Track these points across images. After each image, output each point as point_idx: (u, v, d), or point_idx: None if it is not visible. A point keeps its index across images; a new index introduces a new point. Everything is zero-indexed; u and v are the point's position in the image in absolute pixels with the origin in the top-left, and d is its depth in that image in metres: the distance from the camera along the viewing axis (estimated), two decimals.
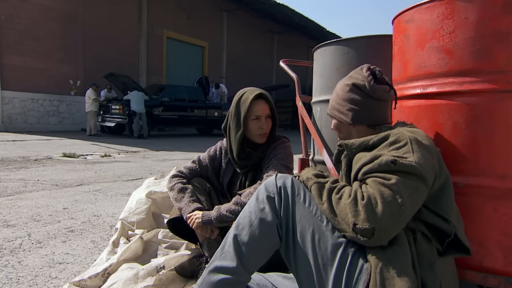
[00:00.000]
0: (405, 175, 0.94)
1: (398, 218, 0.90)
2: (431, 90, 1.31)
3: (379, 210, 0.89)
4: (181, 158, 6.17)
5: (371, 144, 1.07)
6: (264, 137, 1.69)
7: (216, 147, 1.86)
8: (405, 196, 0.91)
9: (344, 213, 0.95)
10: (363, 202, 0.91)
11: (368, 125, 1.23)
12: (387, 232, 0.90)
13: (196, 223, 1.54)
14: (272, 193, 1.11)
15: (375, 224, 0.88)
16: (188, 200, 1.61)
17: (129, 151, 7.06)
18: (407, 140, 1.01)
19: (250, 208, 1.14)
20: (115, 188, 3.59)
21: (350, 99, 1.23)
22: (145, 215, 2.06)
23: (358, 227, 0.90)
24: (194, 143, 9.52)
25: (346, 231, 0.95)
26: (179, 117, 11.41)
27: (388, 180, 0.94)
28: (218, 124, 12.37)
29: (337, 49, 1.90)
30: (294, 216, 1.07)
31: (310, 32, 20.95)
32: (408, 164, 0.94)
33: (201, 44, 17.09)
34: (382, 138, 1.06)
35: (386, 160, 0.96)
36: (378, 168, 0.97)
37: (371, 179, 0.97)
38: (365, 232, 0.89)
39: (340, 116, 1.26)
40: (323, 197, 1.03)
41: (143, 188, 2.31)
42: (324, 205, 1.01)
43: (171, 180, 1.75)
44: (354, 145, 1.10)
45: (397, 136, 1.04)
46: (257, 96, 1.65)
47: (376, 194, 0.92)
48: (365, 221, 0.89)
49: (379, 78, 1.23)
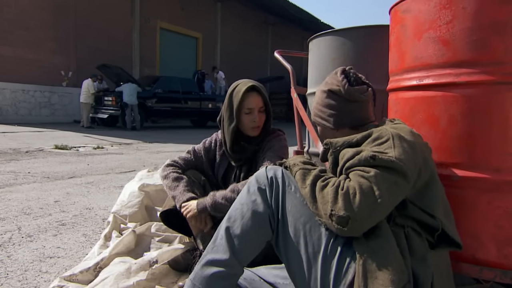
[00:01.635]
0: (384, 170, 0.94)
1: (374, 210, 0.90)
2: (428, 82, 1.30)
3: (356, 200, 0.90)
4: (174, 150, 6.13)
5: (355, 141, 1.08)
6: (257, 130, 1.67)
7: (211, 139, 1.84)
8: (382, 189, 0.91)
9: (325, 200, 0.95)
10: (342, 192, 0.92)
11: (351, 127, 1.24)
12: (361, 223, 0.90)
13: (191, 212, 1.51)
14: (263, 184, 1.11)
15: (350, 213, 0.89)
16: (183, 189, 1.58)
17: (122, 143, 7.00)
18: (389, 136, 1.01)
19: (241, 200, 1.14)
20: (107, 181, 3.56)
21: (329, 105, 1.25)
22: (138, 208, 2.04)
23: (334, 214, 0.91)
24: (188, 135, 9.47)
25: (322, 217, 0.95)
26: (172, 109, 11.32)
27: (367, 172, 0.94)
28: (212, 116, 12.31)
29: (333, 39, 1.87)
30: (285, 206, 1.07)
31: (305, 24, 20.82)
32: (387, 159, 0.94)
33: (195, 35, 16.91)
34: (366, 135, 1.07)
35: (366, 155, 0.97)
36: (359, 163, 0.98)
37: (353, 172, 0.98)
38: (340, 220, 0.90)
39: (322, 122, 1.28)
40: (306, 181, 1.03)
41: (136, 180, 2.28)
42: (306, 189, 1.02)
43: (165, 169, 1.72)
44: (339, 143, 1.11)
45: (379, 132, 1.04)
46: (250, 88, 1.63)
47: (356, 185, 0.92)
48: (341, 209, 0.90)
49: (354, 80, 1.24)
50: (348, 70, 1.26)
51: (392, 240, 0.95)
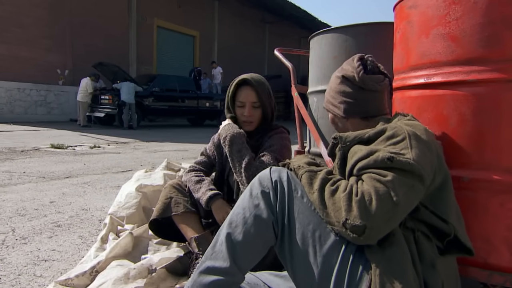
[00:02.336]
0: (401, 173, 0.89)
1: (391, 217, 0.85)
2: (436, 80, 1.25)
3: (373, 207, 0.84)
4: (172, 149, 6.08)
5: (367, 137, 1.02)
6: (250, 125, 1.63)
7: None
8: (400, 194, 0.86)
9: (337, 206, 0.90)
10: (356, 198, 0.87)
11: (362, 118, 1.18)
12: (378, 231, 0.85)
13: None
14: (266, 188, 1.05)
15: (367, 221, 0.84)
16: (205, 189, 1.59)
17: (119, 142, 6.94)
18: (405, 134, 0.95)
19: (243, 204, 1.08)
20: (104, 181, 3.50)
21: (341, 92, 1.20)
22: (135, 210, 1.99)
23: (349, 223, 0.86)
24: (185, 134, 9.41)
25: (335, 224, 0.90)
26: (170, 107, 11.25)
27: (383, 176, 0.89)
28: (209, 115, 12.25)
29: (335, 37, 1.82)
30: (291, 212, 1.02)
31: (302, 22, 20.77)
32: (405, 161, 0.89)
33: (192, 34, 16.82)
34: (379, 132, 1.01)
35: (382, 156, 0.91)
36: (374, 164, 0.92)
37: (367, 175, 0.92)
38: (356, 229, 0.85)
39: (333, 109, 1.23)
40: (314, 185, 0.98)
41: (133, 181, 2.23)
42: (315, 194, 0.96)
43: (187, 174, 1.73)
44: (349, 138, 1.05)
45: (394, 130, 0.98)
46: (242, 81, 1.59)
47: (371, 190, 0.87)
48: (357, 217, 0.84)
49: (371, 68, 1.19)
50: (366, 58, 1.21)
51: (406, 248, 0.90)
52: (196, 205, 1.68)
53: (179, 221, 1.64)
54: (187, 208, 1.64)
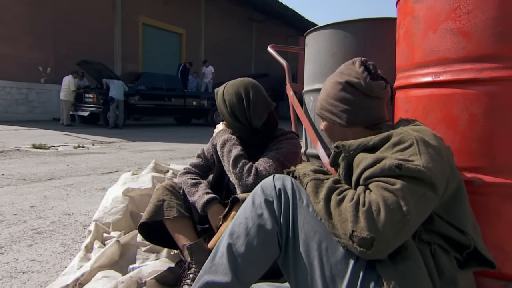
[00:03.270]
0: (411, 181, 0.82)
1: (401, 229, 0.78)
2: (445, 78, 1.18)
3: (381, 218, 0.77)
4: (159, 149, 5.93)
5: (372, 144, 0.95)
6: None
7: None
8: (410, 204, 0.79)
9: (343, 217, 0.83)
10: (363, 208, 0.80)
11: (365, 126, 1.10)
12: (388, 244, 0.78)
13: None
14: (270, 196, 0.98)
15: (375, 233, 0.77)
16: (202, 193, 1.51)
17: (104, 142, 6.75)
18: (413, 140, 0.88)
19: (245, 213, 1.00)
20: (89, 183, 3.36)
21: (344, 99, 1.10)
22: (122, 215, 1.88)
23: (355, 235, 0.79)
24: (172, 133, 9.25)
25: (341, 237, 0.83)
26: (156, 106, 11.06)
27: (392, 185, 0.82)
28: (197, 113, 12.10)
29: (333, 33, 1.74)
30: (295, 222, 0.94)
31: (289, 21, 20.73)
32: (415, 168, 0.82)
33: (179, 31, 16.59)
34: (384, 138, 0.94)
35: (390, 164, 0.84)
36: (381, 172, 0.85)
37: (374, 183, 0.85)
38: (363, 242, 0.78)
39: (332, 117, 1.13)
40: (319, 194, 0.91)
41: (119, 185, 2.11)
42: (320, 204, 0.89)
43: (181, 176, 1.65)
44: (353, 146, 0.98)
45: (401, 136, 0.91)
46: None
47: (379, 200, 0.80)
48: (364, 229, 0.77)
49: (374, 73, 1.10)
50: (366, 62, 1.12)
51: (421, 262, 0.83)
52: (190, 209, 1.59)
53: (171, 226, 1.54)
54: (181, 213, 1.54)
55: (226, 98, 1.50)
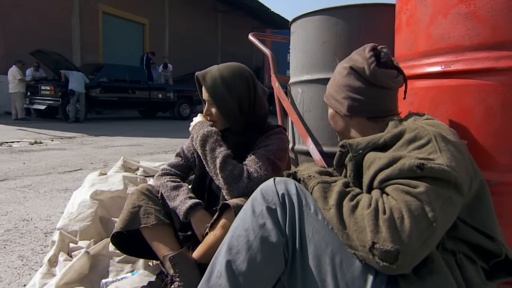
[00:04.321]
0: (434, 182, 0.72)
1: (428, 238, 0.69)
2: (457, 68, 1.09)
3: (406, 227, 0.67)
4: (125, 145, 5.62)
5: (382, 142, 0.85)
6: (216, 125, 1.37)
7: None
8: (436, 209, 0.70)
9: (360, 226, 0.72)
10: (385, 216, 0.69)
11: (368, 118, 1.00)
12: (414, 256, 0.68)
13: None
14: (272, 203, 0.86)
15: (400, 245, 0.66)
16: (184, 197, 1.35)
17: (63, 137, 6.32)
18: (431, 136, 0.79)
19: (245, 224, 0.86)
20: (49, 183, 3.06)
21: (347, 85, 1.01)
22: (91, 222, 1.67)
23: (377, 248, 0.68)
24: (137, 127, 8.87)
25: (358, 249, 0.73)
26: (119, 99, 10.57)
27: (414, 187, 0.72)
28: (162, 106, 11.72)
29: (323, 20, 1.62)
30: (303, 232, 0.82)
31: (255, 12, 20.50)
32: (439, 168, 0.72)
33: (142, 21, 15.94)
34: (396, 135, 0.84)
35: (410, 164, 0.74)
36: (400, 174, 0.75)
37: (393, 187, 0.75)
38: (386, 255, 0.67)
39: (335, 105, 1.05)
40: (329, 200, 0.80)
41: (86, 187, 1.89)
42: (331, 211, 0.78)
43: (159, 178, 1.47)
44: (361, 145, 0.87)
45: (416, 131, 0.81)
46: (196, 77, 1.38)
47: (401, 206, 0.70)
48: (387, 241, 0.67)
49: (385, 61, 1.00)
50: (380, 48, 1.01)
51: (449, 275, 0.74)
52: (170, 215, 1.42)
53: (150, 235, 1.37)
54: (160, 220, 1.37)
55: (228, 81, 1.32)
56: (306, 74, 1.69)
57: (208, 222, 1.32)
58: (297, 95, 1.73)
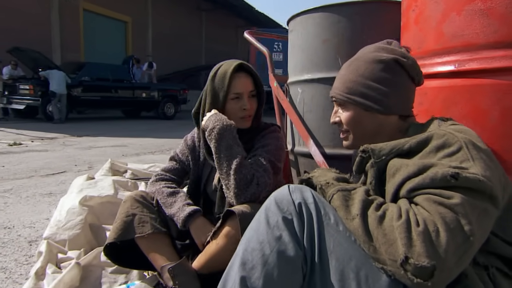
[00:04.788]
0: (469, 193, 0.68)
1: (464, 254, 0.64)
2: (471, 67, 1.04)
3: (442, 241, 0.63)
4: (109, 145, 5.46)
5: (407, 148, 0.80)
6: (248, 121, 1.34)
7: (193, 134, 1.50)
8: (473, 222, 0.65)
9: (390, 239, 0.67)
10: (419, 229, 0.64)
11: (401, 116, 0.94)
12: (450, 273, 0.64)
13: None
14: (288, 213, 0.79)
15: (437, 261, 0.62)
16: (182, 204, 1.28)
17: (45, 138, 6.11)
18: (461, 143, 0.74)
19: (259, 236, 0.80)
20: (31, 187, 2.92)
21: (385, 80, 0.92)
22: (80, 230, 1.57)
23: (411, 263, 0.63)
24: (121, 127, 8.67)
25: (386, 263, 0.67)
26: (102, 98, 10.33)
27: (448, 198, 0.67)
28: (146, 105, 11.53)
29: (325, 17, 1.56)
30: (323, 245, 0.76)
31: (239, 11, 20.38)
32: (474, 178, 0.67)
33: (124, 19, 15.63)
34: (423, 140, 0.79)
35: (443, 173, 0.69)
36: (431, 183, 0.70)
37: (424, 197, 0.70)
38: (421, 271, 0.62)
39: (365, 102, 0.93)
40: (352, 209, 0.74)
41: (74, 192, 1.78)
42: (355, 221, 0.72)
43: (154, 184, 1.40)
44: (384, 151, 0.82)
45: (445, 138, 0.76)
46: (237, 67, 1.28)
47: (435, 218, 0.65)
48: (422, 255, 0.62)
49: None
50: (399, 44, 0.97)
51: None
52: (166, 223, 1.35)
53: (146, 245, 1.29)
54: (156, 228, 1.29)
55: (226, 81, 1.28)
56: (307, 74, 1.63)
57: (208, 230, 1.25)
58: (297, 95, 1.67)
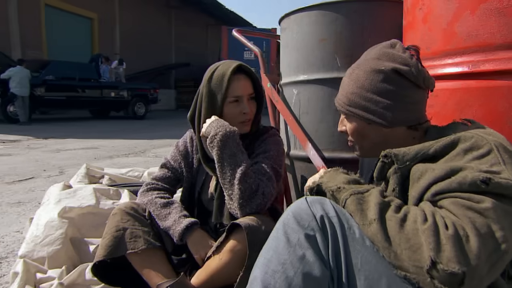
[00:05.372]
0: (499, 199, 0.64)
1: (496, 262, 0.61)
2: (487, 68, 1.01)
3: (472, 246, 0.58)
4: (79, 148, 5.19)
5: (432, 152, 0.75)
6: (248, 125, 1.26)
7: (184, 139, 1.39)
8: (505, 228, 0.61)
9: (414, 243, 0.62)
10: (448, 232, 0.60)
11: (409, 127, 0.88)
12: (480, 282, 0.59)
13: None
14: (310, 229, 0.73)
15: (467, 267, 0.57)
16: (178, 216, 1.18)
17: (6, 141, 5.74)
18: (491, 146, 0.70)
19: (279, 256, 0.73)
20: None
21: (387, 92, 0.84)
22: (61, 245, 1.43)
23: (440, 269, 0.58)
24: (89, 128, 8.31)
25: (409, 270, 0.63)
26: (68, 98, 9.88)
27: (477, 202, 0.63)
28: (116, 105, 11.15)
29: (321, 15, 1.49)
30: (350, 263, 0.71)
31: (208, 9, 20.12)
32: (507, 184, 0.63)
33: (89, 16, 15.02)
34: (449, 144, 0.74)
35: (473, 177, 0.64)
36: (459, 187, 0.66)
37: (450, 200, 0.66)
38: (450, 278, 0.58)
39: (368, 116, 0.87)
40: (368, 214, 0.70)
41: (52, 203, 1.63)
42: (373, 226, 0.68)
43: (145, 194, 1.29)
44: (409, 156, 0.76)
45: (473, 140, 0.72)
46: (236, 69, 1.20)
47: (464, 222, 0.61)
48: (452, 261, 0.58)
49: (419, 59, 0.88)
50: (412, 46, 0.89)
51: None
52: (160, 236, 1.24)
53: (140, 262, 1.18)
54: (150, 243, 1.18)
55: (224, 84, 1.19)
56: (303, 74, 1.56)
57: (207, 243, 1.16)
58: (292, 96, 1.60)
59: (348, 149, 1.49)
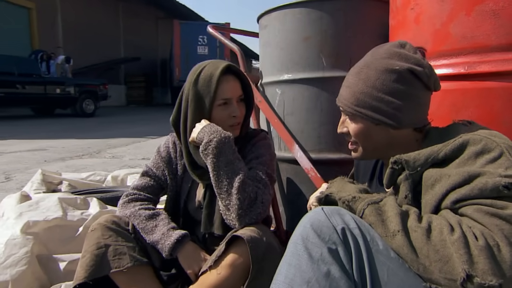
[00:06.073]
0: None
1: None
2: (483, 69, 1.02)
3: (505, 256, 0.59)
4: (24, 149, 4.78)
5: (442, 156, 0.74)
6: (238, 129, 1.19)
7: (166, 144, 1.29)
8: None
9: (444, 255, 0.61)
10: (479, 244, 0.59)
11: (415, 128, 0.87)
12: None
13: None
14: (332, 242, 0.69)
15: (504, 279, 0.58)
16: (166, 229, 1.10)
17: None
18: (501, 148, 0.70)
19: (302, 274, 0.68)
20: None
21: (399, 92, 0.82)
22: (27, 265, 1.27)
23: (476, 282, 0.58)
24: (33, 127, 7.71)
25: (441, 283, 0.62)
26: (6, 95, 9.09)
27: (502, 209, 0.63)
28: (61, 102, 10.45)
29: (305, 12, 1.45)
30: (375, 276, 0.67)
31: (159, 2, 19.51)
32: None
33: (26, 5, 13.91)
34: (457, 146, 0.73)
35: (494, 183, 0.64)
36: (480, 194, 0.65)
37: (474, 207, 0.65)
38: None
39: (377, 117, 0.84)
40: (389, 225, 0.68)
41: (12, 218, 1.44)
42: (397, 238, 0.66)
43: (127, 205, 1.18)
44: (419, 161, 0.75)
45: (482, 143, 0.72)
46: (225, 70, 1.12)
47: (493, 231, 0.61)
48: (487, 273, 0.57)
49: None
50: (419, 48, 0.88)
51: None
52: (146, 250, 1.14)
53: (126, 281, 1.08)
54: (136, 260, 1.08)
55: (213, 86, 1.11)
56: (287, 74, 1.51)
57: (200, 257, 1.09)
58: (275, 96, 1.55)
59: (335, 150, 1.48)
